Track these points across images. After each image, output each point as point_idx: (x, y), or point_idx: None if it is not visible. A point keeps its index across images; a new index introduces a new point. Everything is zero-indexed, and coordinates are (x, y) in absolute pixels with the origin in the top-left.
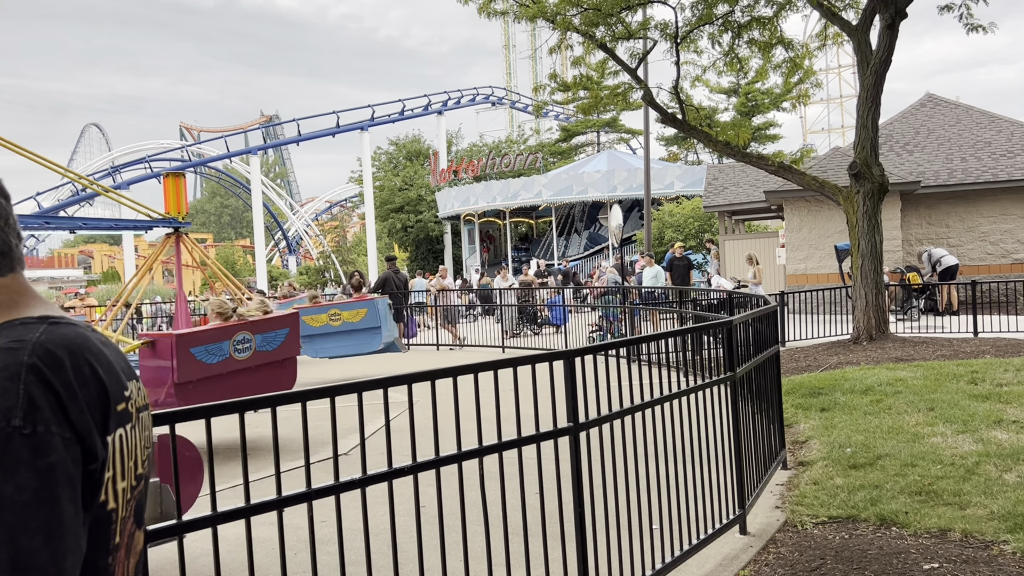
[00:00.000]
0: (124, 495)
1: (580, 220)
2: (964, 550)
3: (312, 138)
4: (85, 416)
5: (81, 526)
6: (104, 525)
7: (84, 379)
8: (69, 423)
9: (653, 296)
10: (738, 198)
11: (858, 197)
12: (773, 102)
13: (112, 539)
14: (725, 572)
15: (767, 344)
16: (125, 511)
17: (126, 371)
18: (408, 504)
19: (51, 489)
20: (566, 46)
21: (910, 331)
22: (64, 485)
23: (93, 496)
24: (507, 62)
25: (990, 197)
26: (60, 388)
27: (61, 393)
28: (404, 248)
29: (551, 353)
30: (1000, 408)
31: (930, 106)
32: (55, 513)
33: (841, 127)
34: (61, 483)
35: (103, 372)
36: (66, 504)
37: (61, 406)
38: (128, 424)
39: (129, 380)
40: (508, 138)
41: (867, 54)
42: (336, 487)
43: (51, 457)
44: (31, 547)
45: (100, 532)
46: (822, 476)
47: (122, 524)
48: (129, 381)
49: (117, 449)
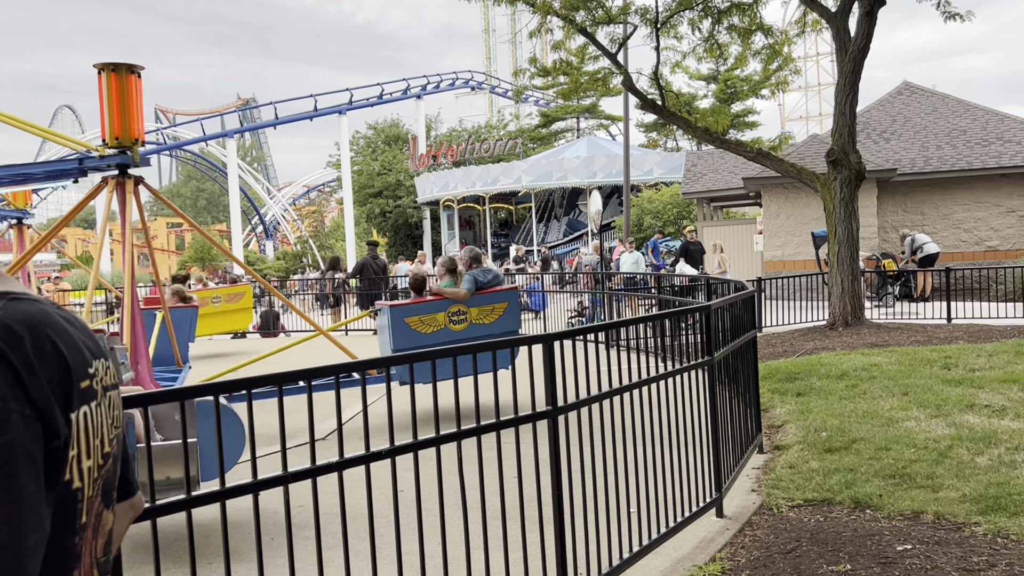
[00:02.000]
0: (90, 474)
1: (560, 206)
2: (936, 532)
3: (290, 121)
4: (45, 392)
5: (44, 505)
6: (69, 504)
7: (44, 355)
8: (29, 400)
9: (632, 281)
10: (717, 185)
11: (835, 184)
12: (752, 89)
13: (78, 518)
14: (701, 555)
15: (745, 329)
16: (92, 490)
17: (92, 349)
18: (385, 488)
19: (9, 466)
20: (547, 30)
21: (885, 317)
22: (23, 462)
23: (57, 475)
24: (487, 47)
25: (965, 185)
26: (19, 364)
27: (20, 369)
28: (383, 233)
29: (530, 337)
30: (972, 393)
31: (907, 94)
32: (13, 491)
33: (819, 115)
34: (20, 460)
35: (65, 348)
36: (26, 481)
37: (20, 382)
38: (93, 402)
39: (96, 359)
40: (488, 123)
41: (846, 41)
42: (313, 470)
43: (8, 434)
44: None
45: (65, 511)
46: (798, 460)
47: (89, 503)
48: (96, 360)
49: (82, 427)
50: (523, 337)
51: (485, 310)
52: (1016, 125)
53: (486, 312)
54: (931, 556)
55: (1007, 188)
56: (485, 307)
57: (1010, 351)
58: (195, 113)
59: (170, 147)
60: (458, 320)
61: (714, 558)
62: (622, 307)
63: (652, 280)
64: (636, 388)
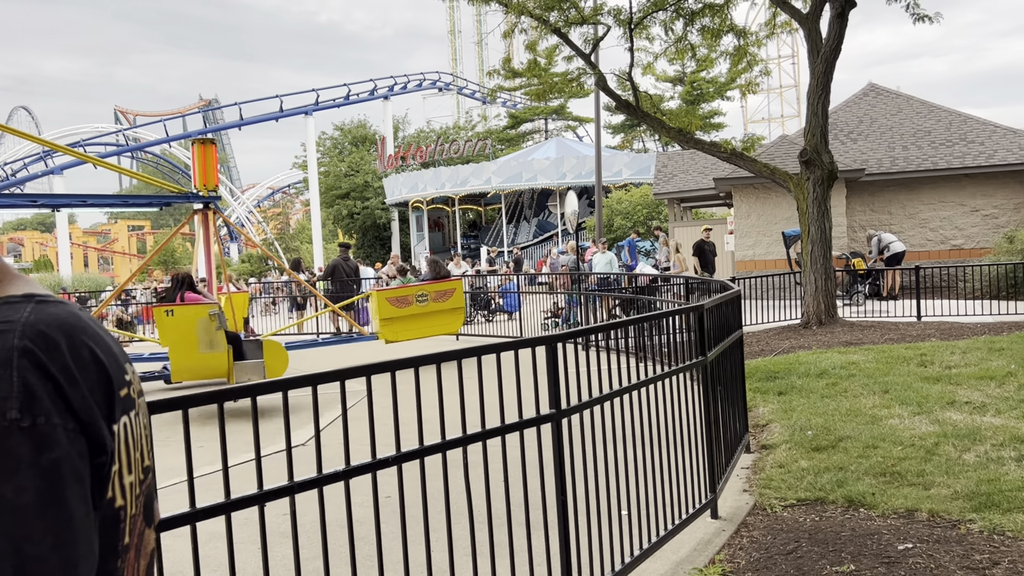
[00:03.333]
0: (132, 490)
1: (529, 207)
2: (933, 530)
3: (255, 123)
4: (88, 403)
5: (92, 528)
6: (113, 525)
7: (83, 362)
8: (71, 412)
9: (607, 282)
10: (687, 185)
11: (808, 184)
12: (717, 91)
13: (121, 539)
14: (700, 557)
15: (732, 328)
16: (134, 508)
17: (121, 354)
18: (384, 497)
19: (57, 488)
20: (520, 30)
21: (856, 315)
22: (71, 483)
23: (101, 493)
24: (453, 48)
25: (930, 185)
26: (58, 373)
27: (60, 379)
28: (350, 235)
29: (533, 339)
30: (951, 390)
31: (872, 95)
32: (63, 515)
33: (781, 116)
34: (68, 481)
35: (102, 354)
36: (75, 504)
37: (61, 394)
38: (132, 411)
39: (125, 363)
40: (456, 124)
41: (818, 43)
42: (319, 480)
43: (55, 452)
44: (38, 555)
45: (109, 533)
46: (787, 459)
47: (131, 522)
48: (126, 364)
49: (122, 439)
50: (526, 339)
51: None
52: (978, 126)
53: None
54: (933, 555)
55: (971, 188)
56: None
57: (983, 348)
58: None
59: (131, 148)
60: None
61: (713, 560)
62: (596, 308)
63: (626, 281)
64: (636, 389)
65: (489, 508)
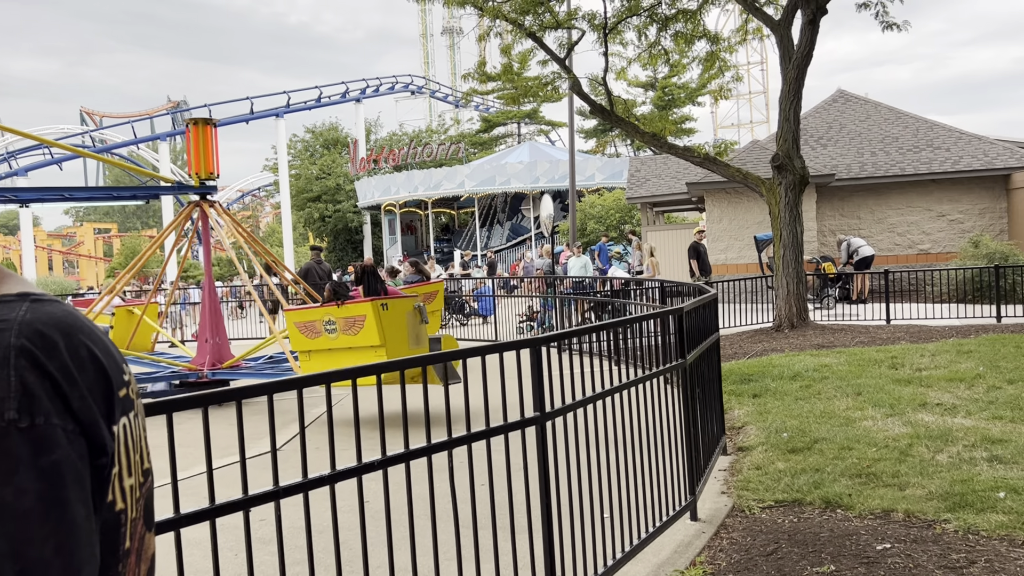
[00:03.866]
0: (132, 493)
1: (502, 211)
2: (910, 530)
3: (224, 125)
4: (88, 404)
5: (94, 531)
6: (113, 528)
7: (82, 362)
8: (71, 413)
9: (582, 286)
10: (660, 190)
11: (780, 188)
12: (689, 96)
13: (122, 543)
14: (681, 559)
15: (709, 331)
16: (135, 511)
17: (119, 354)
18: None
19: (58, 491)
20: (495, 34)
21: (827, 319)
22: (73, 485)
23: (101, 496)
24: (424, 51)
25: (898, 190)
26: (56, 373)
27: (58, 379)
28: (321, 238)
29: (518, 342)
30: (923, 392)
31: (841, 102)
32: (65, 519)
33: (750, 122)
34: (69, 483)
35: (100, 354)
36: (77, 507)
37: (60, 394)
38: (131, 412)
39: (123, 363)
40: (428, 127)
41: (789, 49)
42: (305, 484)
43: (55, 454)
44: (40, 559)
45: (109, 536)
46: (763, 461)
47: (132, 526)
48: (123, 364)
49: (122, 441)
50: (510, 342)
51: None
52: (944, 133)
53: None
54: (911, 555)
55: (937, 193)
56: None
57: (951, 351)
58: (124, 115)
59: (99, 150)
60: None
61: (694, 562)
62: (571, 311)
63: (600, 284)
64: (619, 392)
65: (474, 512)
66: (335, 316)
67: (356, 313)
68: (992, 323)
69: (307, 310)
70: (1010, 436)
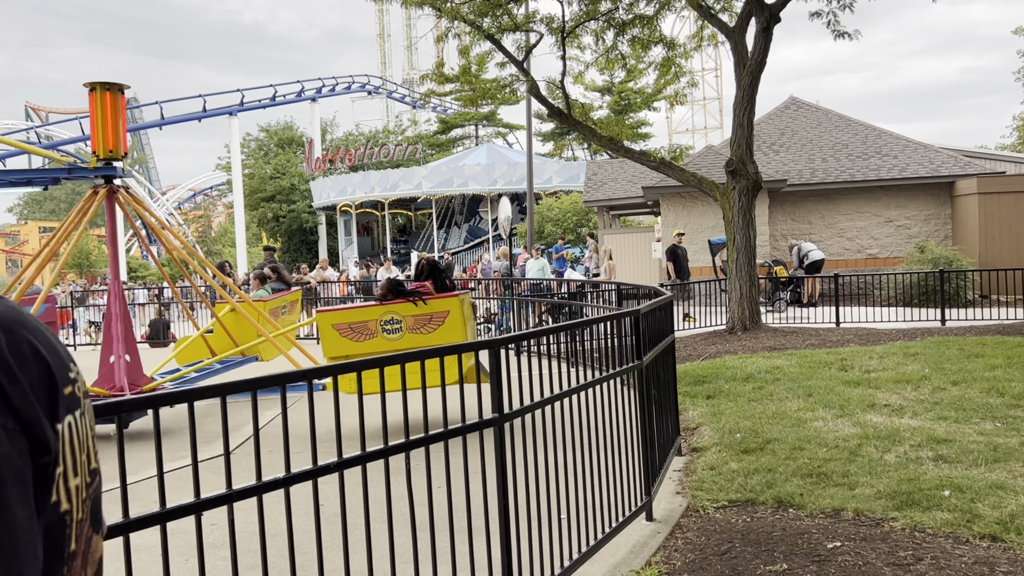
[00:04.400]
0: (78, 494)
1: (460, 213)
2: (859, 528)
3: (176, 122)
4: (30, 401)
5: (36, 533)
6: (58, 530)
7: (24, 358)
8: (11, 410)
9: (539, 288)
10: (617, 193)
11: (734, 193)
12: (645, 101)
13: (67, 546)
14: (636, 559)
15: (665, 333)
16: (81, 513)
17: (65, 351)
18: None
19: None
20: (454, 35)
21: (779, 321)
22: (13, 485)
23: (44, 496)
24: (382, 51)
25: (847, 196)
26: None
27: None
28: (275, 238)
29: (476, 343)
30: (871, 393)
31: (793, 109)
32: (5, 519)
33: (704, 128)
34: (9, 482)
35: (45, 350)
36: (17, 507)
37: (0, 391)
38: (77, 411)
39: (70, 361)
40: (385, 128)
41: (744, 56)
42: (259, 487)
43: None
44: None
45: (54, 538)
46: (717, 461)
47: (78, 528)
48: (70, 362)
49: (67, 440)
50: (469, 343)
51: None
52: (892, 140)
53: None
54: (861, 553)
55: (885, 199)
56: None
57: (898, 353)
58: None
59: (44, 147)
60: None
61: (649, 562)
62: (529, 313)
63: (557, 287)
64: (576, 393)
65: (431, 514)
66: (403, 314)
67: (439, 309)
68: (937, 326)
69: (357, 309)
70: (954, 436)
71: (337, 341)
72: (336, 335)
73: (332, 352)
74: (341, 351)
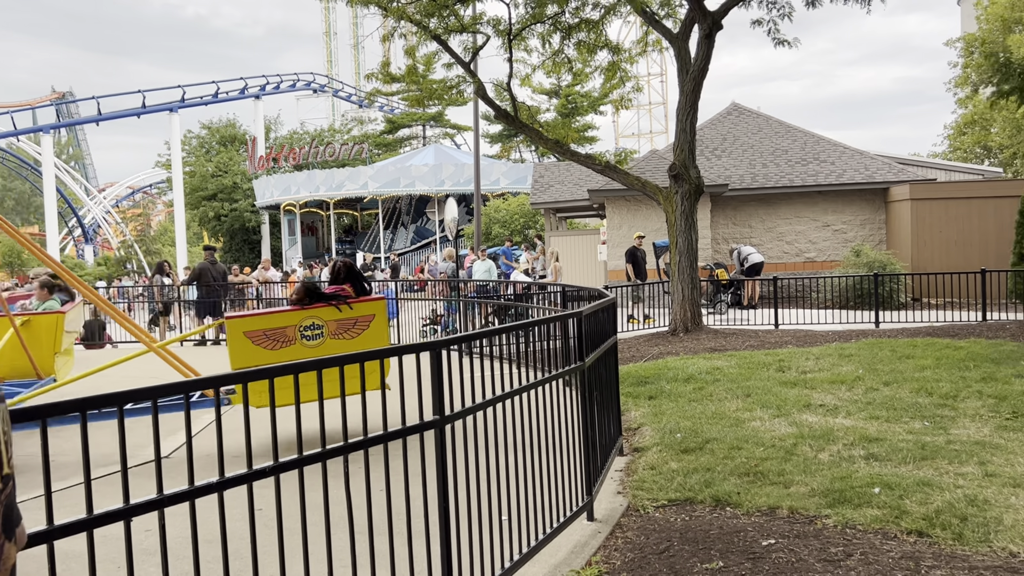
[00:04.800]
0: None
1: (407, 213)
2: (793, 525)
3: (114, 118)
4: None
5: None
6: None
7: None
8: None
9: (485, 289)
10: (563, 196)
11: (677, 197)
12: (591, 105)
13: None
14: (577, 559)
15: (608, 335)
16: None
17: None
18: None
19: None
20: (400, 35)
21: (720, 323)
22: None
23: None
24: (328, 50)
25: (786, 201)
26: None
27: None
28: (216, 238)
29: (418, 344)
30: (807, 393)
31: (735, 115)
32: None
33: (650, 132)
34: None
35: None
36: None
37: None
38: None
39: None
40: (331, 127)
41: (687, 62)
42: (192, 492)
43: None
44: None
45: None
46: (658, 461)
47: None
48: None
49: None
50: (410, 345)
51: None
52: (830, 147)
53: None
54: (794, 549)
55: (823, 204)
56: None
57: (834, 354)
58: (3, 105)
59: None
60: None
61: (590, 562)
62: (475, 315)
63: (504, 288)
64: (518, 395)
65: (370, 517)
66: (325, 319)
67: (365, 312)
68: (871, 328)
69: (274, 314)
70: (885, 435)
71: (249, 350)
72: (248, 344)
73: (243, 362)
74: (253, 361)
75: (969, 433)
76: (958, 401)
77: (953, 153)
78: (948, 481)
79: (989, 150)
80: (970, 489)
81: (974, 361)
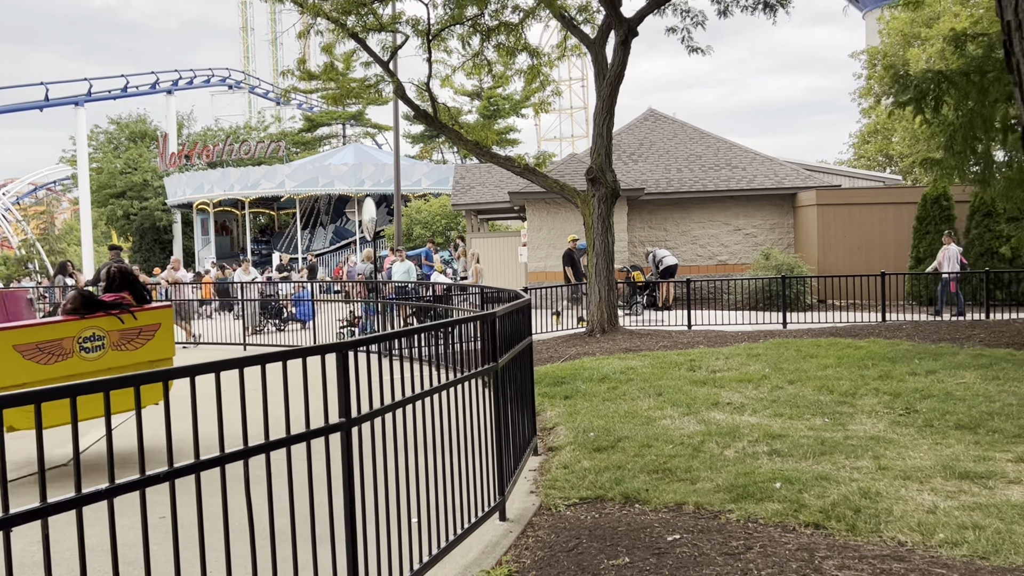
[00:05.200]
0: None
1: (326, 213)
2: (698, 521)
3: (15, 111)
4: None
5: None
6: None
7: None
8: None
9: (404, 291)
10: (484, 198)
11: (594, 200)
12: (513, 108)
13: None
14: (488, 559)
15: (523, 336)
16: None
17: None
18: (151, 517)
19: None
20: (316, 31)
21: (636, 324)
22: None
23: None
24: (244, 45)
25: (700, 205)
26: None
27: None
28: (125, 237)
29: (323, 346)
30: (716, 392)
31: (652, 120)
32: None
33: (571, 136)
34: None
35: None
36: None
37: None
38: None
39: None
40: (247, 124)
41: (604, 67)
42: (79, 500)
43: None
44: None
45: None
46: (571, 460)
47: None
48: None
49: None
50: (314, 347)
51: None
52: (741, 153)
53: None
54: (697, 544)
55: (734, 209)
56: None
57: (742, 354)
58: None
59: None
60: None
61: (500, 562)
62: (394, 316)
63: (423, 289)
64: (428, 396)
65: (272, 523)
66: (107, 328)
67: (150, 321)
68: (779, 328)
69: (49, 325)
70: (788, 432)
71: (18, 365)
72: (17, 358)
73: (9, 380)
74: (21, 378)
75: (866, 429)
76: (856, 398)
77: (858, 161)
78: (844, 475)
79: (891, 158)
80: (864, 482)
81: (872, 360)
